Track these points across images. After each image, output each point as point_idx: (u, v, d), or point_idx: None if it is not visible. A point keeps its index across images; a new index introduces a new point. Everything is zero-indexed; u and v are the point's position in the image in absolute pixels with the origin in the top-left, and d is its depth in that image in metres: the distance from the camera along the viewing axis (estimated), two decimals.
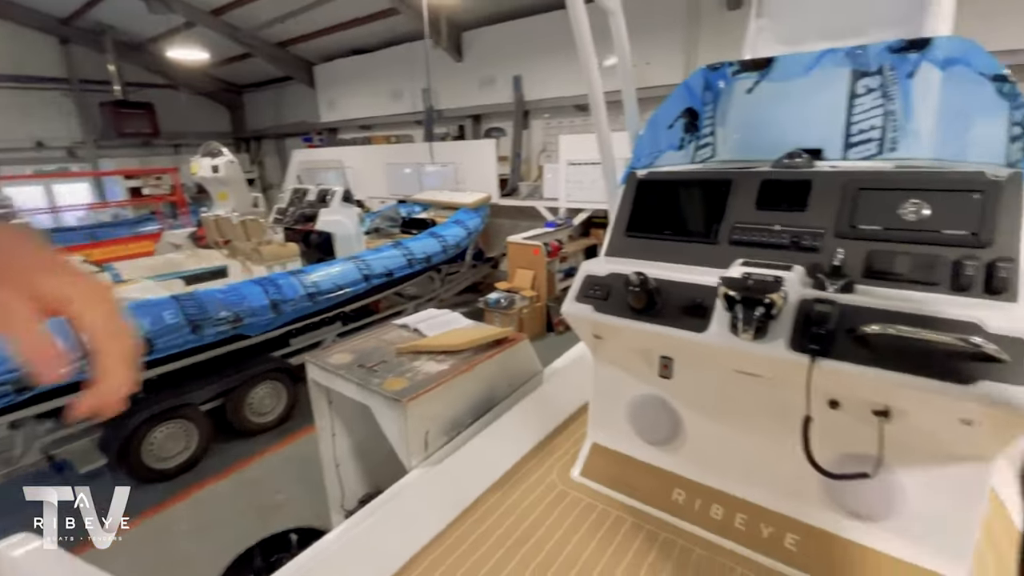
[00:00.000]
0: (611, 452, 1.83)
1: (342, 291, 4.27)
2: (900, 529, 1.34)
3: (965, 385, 1.04)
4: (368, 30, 8.82)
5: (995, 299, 1.13)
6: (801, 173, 1.44)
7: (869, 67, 1.49)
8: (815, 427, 1.23)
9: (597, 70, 1.71)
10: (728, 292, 1.28)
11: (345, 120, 10.79)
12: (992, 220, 1.17)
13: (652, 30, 5.22)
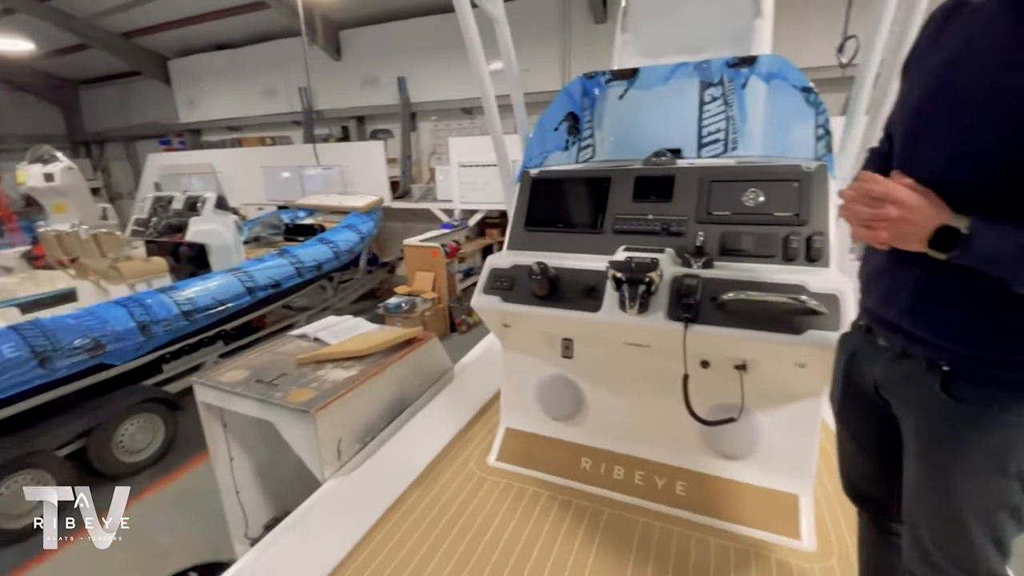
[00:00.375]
0: (523, 434, 1.95)
1: (223, 307, 3.91)
2: (761, 462, 1.62)
3: (797, 335, 1.30)
4: (232, 24, 8.08)
5: (814, 265, 1.42)
6: (666, 170, 1.67)
7: (713, 79, 1.77)
8: (692, 385, 1.44)
9: (489, 78, 1.80)
10: (615, 274, 1.46)
11: (209, 120, 9.78)
12: (807, 203, 1.47)
13: (529, 40, 5.50)
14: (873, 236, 0.86)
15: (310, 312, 5.55)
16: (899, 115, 0.95)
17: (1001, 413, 0.82)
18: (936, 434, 0.89)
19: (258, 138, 9.53)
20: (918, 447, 0.93)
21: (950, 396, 0.86)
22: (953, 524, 0.89)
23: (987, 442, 0.84)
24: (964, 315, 0.84)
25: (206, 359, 4.21)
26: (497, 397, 2.24)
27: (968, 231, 0.76)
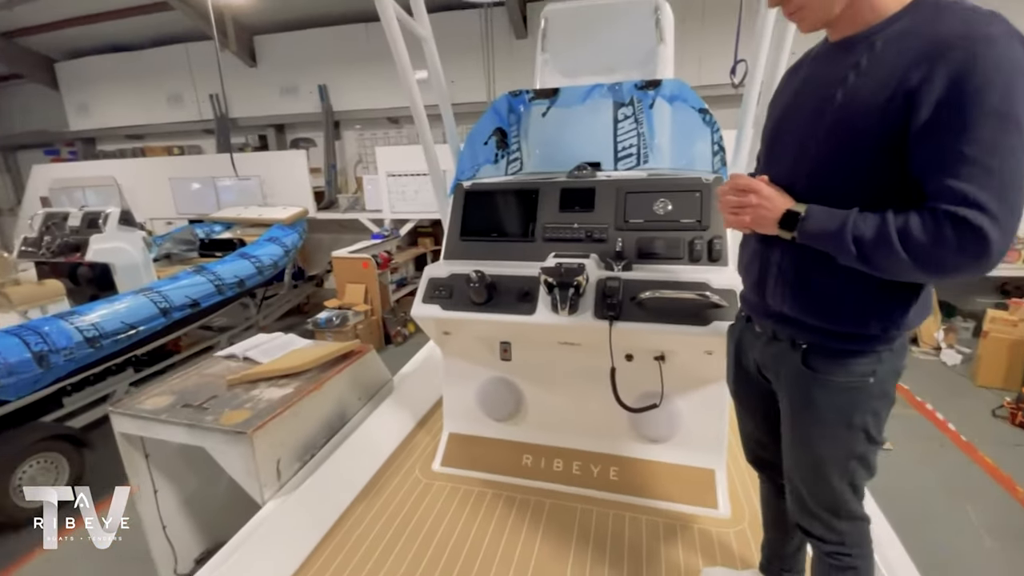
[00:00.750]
0: (466, 437, 2.01)
1: (134, 331, 3.62)
2: (681, 442, 1.81)
3: (704, 326, 1.48)
4: (131, 25, 7.45)
5: (715, 265, 1.62)
6: (587, 182, 1.83)
7: (624, 99, 1.96)
8: (619, 377, 1.59)
9: (418, 92, 1.86)
10: (547, 279, 1.57)
11: (106, 128, 8.91)
12: (708, 210, 1.67)
13: (454, 52, 5.59)
14: (739, 221, 1.07)
15: (232, 332, 5.24)
16: (764, 134, 1.19)
17: (845, 378, 1.03)
18: (799, 401, 1.10)
19: (164, 147, 8.84)
20: (788, 414, 1.13)
21: (808, 368, 1.06)
22: (817, 473, 1.10)
23: (836, 403, 1.04)
24: (813, 293, 1.03)
25: (114, 389, 3.87)
26: (439, 405, 2.28)
27: (804, 213, 0.97)
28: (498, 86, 6.30)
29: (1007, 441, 3.39)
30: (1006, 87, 0.78)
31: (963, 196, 0.81)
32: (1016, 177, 0.80)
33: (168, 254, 5.66)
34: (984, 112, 0.79)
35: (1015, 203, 0.81)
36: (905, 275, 0.92)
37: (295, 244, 5.98)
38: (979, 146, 0.80)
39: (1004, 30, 0.81)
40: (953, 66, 0.80)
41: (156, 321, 3.79)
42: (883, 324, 0.99)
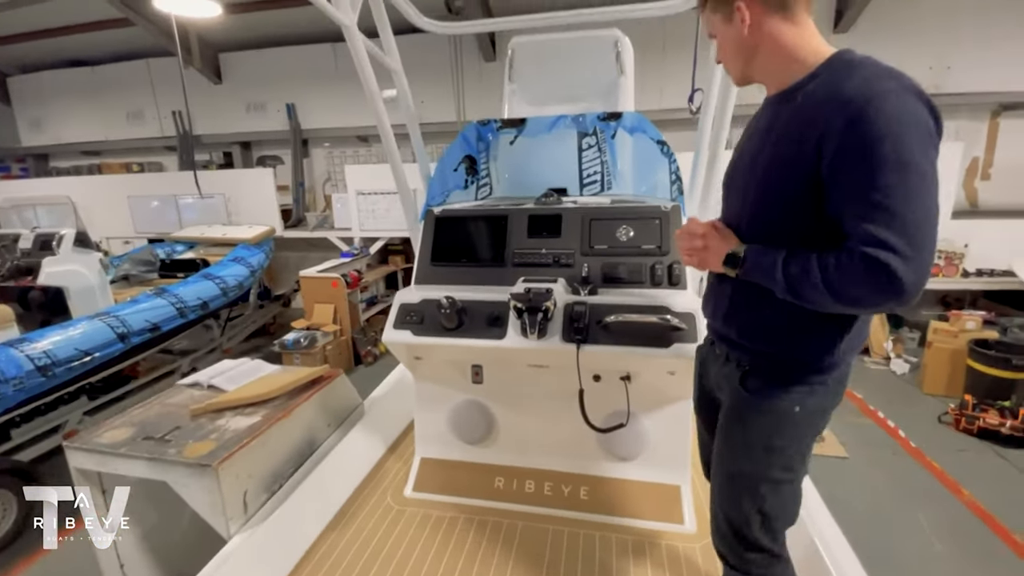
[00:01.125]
0: (439, 462, 2.02)
1: (89, 357, 3.47)
2: (648, 460, 1.86)
3: (666, 348, 1.55)
4: (90, 40, 7.24)
5: (675, 289, 1.70)
6: (554, 209, 1.89)
7: (587, 130, 2.04)
8: (587, 397, 1.64)
9: (388, 120, 1.89)
10: (517, 304, 1.62)
11: (60, 144, 8.56)
12: (667, 237, 1.75)
13: (424, 73, 5.67)
14: (691, 262, 1.20)
15: (195, 355, 5.06)
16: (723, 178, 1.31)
17: (772, 400, 1.11)
18: (731, 417, 1.19)
19: (122, 164, 8.56)
20: (720, 428, 1.23)
21: (743, 387, 1.15)
22: (730, 489, 1.19)
23: (760, 423, 1.13)
24: (757, 321, 1.13)
25: (67, 419, 3.68)
26: (410, 428, 2.28)
27: (743, 254, 1.08)
28: (467, 106, 6.40)
29: (952, 446, 3.59)
30: (899, 136, 0.87)
31: (871, 236, 0.89)
32: (919, 216, 0.88)
33: (126, 275, 5.46)
34: (881, 160, 0.87)
35: (921, 241, 0.88)
36: (831, 308, 0.99)
37: (261, 264, 5.86)
38: (880, 191, 0.88)
39: (899, 85, 0.90)
40: (853, 119, 0.89)
41: (113, 347, 3.64)
42: (814, 353, 1.08)
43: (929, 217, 0.89)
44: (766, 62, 1.08)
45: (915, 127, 0.88)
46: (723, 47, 1.14)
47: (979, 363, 3.89)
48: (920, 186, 0.88)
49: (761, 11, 1.03)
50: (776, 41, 1.05)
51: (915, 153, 0.87)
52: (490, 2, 6.19)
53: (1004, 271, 4.94)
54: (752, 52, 1.08)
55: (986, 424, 3.61)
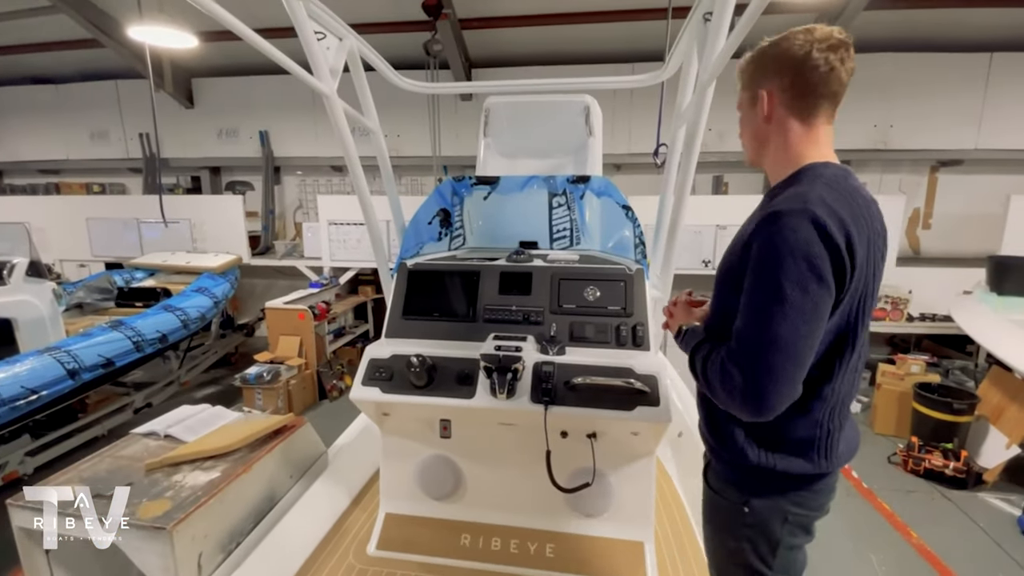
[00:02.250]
0: (404, 518, 1.99)
1: (36, 396, 3.28)
2: (613, 517, 1.89)
3: (629, 411, 1.60)
4: (56, 58, 7.07)
5: (639, 350, 1.77)
6: (525, 267, 1.95)
7: (557, 190, 2.14)
8: (554, 453, 1.66)
9: (364, 180, 1.93)
10: (487, 365, 1.65)
11: (17, 162, 8.23)
12: (631, 298, 1.83)
13: (401, 108, 5.75)
14: (667, 328, 1.34)
15: (150, 389, 4.85)
16: None
17: (723, 496, 1.16)
18: (703, 510, 1.25)
19: (82, 184, 8.27)
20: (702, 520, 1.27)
21: (705, 481, 1.22)
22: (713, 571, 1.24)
23: (717, 520, 1.19)
24: (705, 410, 1.19)
25: (7, 458, 3.46)
26: (375, 479, 2.24)
27: (683, 330, 1.21)
28: (443, 143, 6.51)
29: (902, 487, 3.76)
30: (777, 260, 0.92)
31: (729, 345, 0.99)
32: (765, 340, 0.92)
33: (80, 303, 5.23)
34: (758, 279, 0.95)
35: (760, 358, 0.92)
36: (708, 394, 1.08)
37: (226, 294, 5.72)
38: (749, 307, 0.96)
39: (793, 208, 0.93)
40: (754, 236, 0.98)
41: (62, 384, 3.47)
42: (746, 455, 1.07)
43: (776, 343, 0.91)
44: (772, 155, 1.12)
45: (794, 254, 0.91)
46: (743, 126, 1.16)
47: (923, 406, 4.11)
48: (779, 312, 0.91)
49: (783, 108, 1.06)
50: (784, 139, 1.08)
51: (785, 280, 0.91)
52: (467, 46, 6.40)
53: (945, 316, 5.28)
54: (764, 141, 1.12)
55: (931, 465, 3.80)
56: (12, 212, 6.88)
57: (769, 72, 1.07)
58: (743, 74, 1.12)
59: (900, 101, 6.09)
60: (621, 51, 6.33)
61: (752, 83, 1.10)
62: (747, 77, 1.11)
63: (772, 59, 1.06)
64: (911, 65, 6.02)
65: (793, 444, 1.06)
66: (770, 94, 1.07)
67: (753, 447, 1.08)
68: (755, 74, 1.09)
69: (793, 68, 1.03)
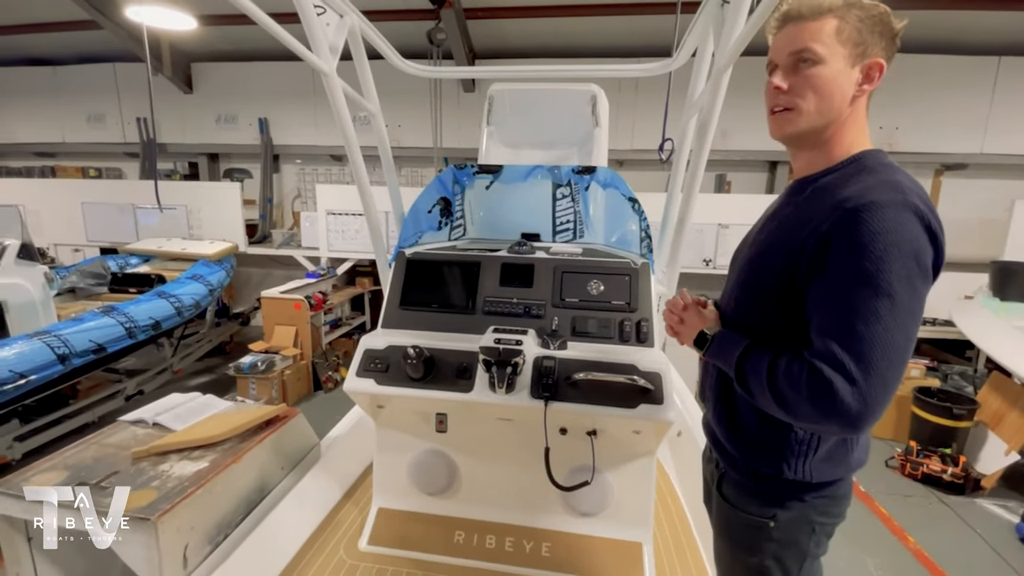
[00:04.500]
0: (396, 513, 1.94)
1: (24, 380, 3.23)
2: (611, 516, 1.85)
3: (632, 409, 1.55)
4: (54, 39, 6.95)
5: (643, 346, 1.72)
6: (527, 259, 1.90)
7: (562, 181, 2.08)
8: (553, 450, 1.62)
9: (363, 166, 1.87)
10: (486, 358, 1.60)
11: (13, 144, 8.12)
12: (636, 293, 1.78)
13: (402, 97, 5.67)
14: (673, 336, 1.21)
15: (142, 376, 4.79)
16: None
17: (746, 513, 1.06)
18: (716, 523, 1.18)
19: (78, 168, 8.17)
20: (713, 534, 1.21)
21: (720, 495, 1.13)
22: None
23: (739, 536, 1.10)
24: (731, 421, 1.10)
25: None
26: (368, 472, 2.20)
27: (712, 336, 1.07)
28: (445, 133, 6.43)
29: (899, 491, 3.73)
30: (880, 255, 0.80)
31: (825, 351, 0.83)
32: (880, 340, 0.80)
33: (73, 288, 5.16)
34: (855, 275, 0.82)
35: (873, 364, 0.80)
36: (775, 413, 0.93)
37: (221, 282, 5.65)
38: (846, 307, 0.83)
39: (894, 199, 0.82)
40: (839, 227, 0.84)
41: (52, 369, 3.41)
42: (786, 467, 0.99)
43: (892, 347, 0.81)
44: (831, 136, 0.96)
45: (900, 248, 0.81)
46: (818, 83, 0.92)
47: (922, 410, 4.08)
48: (889, 313, 0.81)
49: (874, 84, 0.93)
50: (858, 122, 0.96)
51: (893, 277, 0.80)
52: (471, 36, 6.31)
53: (945, 320, 5.25)
54: (835, 114, 0.94)
55: (929, 470, 3.77)
56: (7, 195, 6.79)
57: (883, 41, 0.92)
58: (847, 22, 0.91)
59: (906, 103, 6.04)
60: (626, 45, 6.26)
61: (860, 40, 0.91)
62: (854, 30, 0.90)
63: (888, 30, 0.92)
64: (918, 67, 5.97)
65: (826, 452, 0.99)
66: (882, 67, 0.92)
67: (790, 459, 0.99)
68: (866, 33, 0.91)
69: (894, 52, 0.93)
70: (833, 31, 0.90)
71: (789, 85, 0.95)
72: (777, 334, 0.97)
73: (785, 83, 0.95)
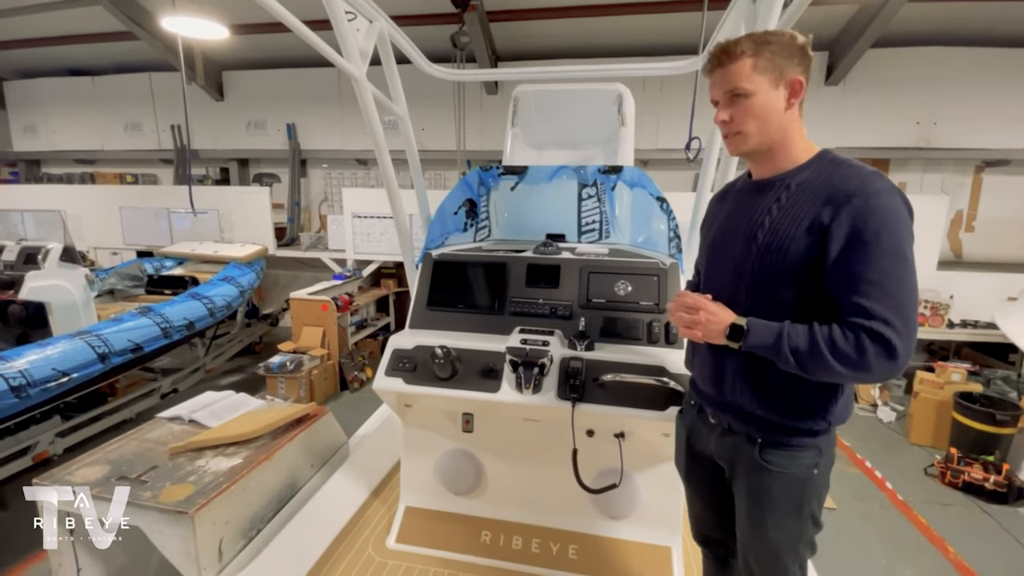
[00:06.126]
0: (424, 512, 1.96)
1: (67, 378, 3.36)
2: (640, 520, 1.82)
3: (662, 411, 1.53)
4: (92, 50, 7.27)
5: (672, 347, 1.69)
6: (553, 259, 1.89)
7: (587, 181, 2.07)
8: (580, 452, 1.61)
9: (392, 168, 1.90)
10: (512, 359, 1.60)
11: (54, 152, 8.50)
12: (665, 294, 1.75)
13: (427, 101, 5.73)
14: (692, 334, 1.21)
15: (177, 375, 4.94)
16: (701, 256, 1.37)
17: (796, 470, 1.15)
18: (755, 492, 1.20)
19: (116, 174, 8.49)
20: (744, 503, 1.23)
21: (764, 461, 1.17)
22: (773, 557, 1.22)
23: (789, 494, 1.16)
24: (770, 391, 1.15)
25: (38, 439, 3.55)
26: (395, 471, 2.22)
27: (747, 326, 1.11)
28: (468, 137, 6.47)
29: (939, 500, 3.58)
30: (894, 229, 1.00)
31: (872, 312, 1.00)
32: (908, 296, 1.02)
33: (112, 290, 5.36)
34: (881, 249, 1.00)
35: (909, 316, 1.01)
36: (835, 378, 1.08)
37: (251, 284, 5.79)
38: (880, 274, 1.00)
39: (888, 185, 1.04)
40: (856, 211, 1.02)
41: (92, 367, 3.54)
42: (824, 418, 1.14)
43: (914, 298, 1.04)
44: (785, 141, 1.14)
45: (904, 222, 1.03)
46: (753, 110, 1.11)
47: (964, 416, 3.91)
48: (907, 273, 1.02)
49: (800, 96, 1.11)
50: (797, 127, 1.14)
51: (904, 244, 1.02)
52: (494, 38, 6.34)
53: (987, 323, 5.03)
54: (776, 129, 1.12)
55: (971, 478, 3.61)
56: (49, 200, 7.09)
57: (795, 60, 1.09)
58: (760, 58, 1.09)
59: (944, 97, 5.82)
60: (651, 44, 6.19)
61: (775, 67, 1.09)
62: (767, 61, 1.09)
63: (797, 50, 1.09)
64: (956, 60, 5.74)
65: (845, 395, 1.16)
66: (801, 82, 1.10)
67: (831, 407, 1.13)
68: (778, 59, 1.09)
69: (808, 64, 1.11)
70: (751, 68, 1.09)
71: (731, 116, 1.14)
72: (789, 311, 1.10)
73: (727, 115, 1.14)
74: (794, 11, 1.21)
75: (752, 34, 1.12)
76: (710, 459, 1.31)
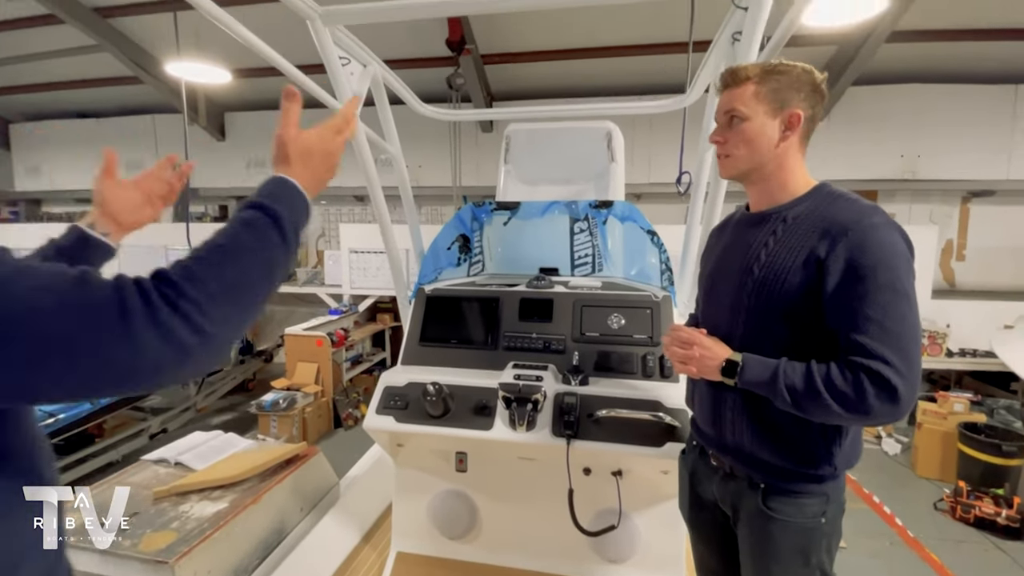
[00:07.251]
0: (416, 557, 1.88)
1: (53, 419, 3.30)
2: (640, 563, 1.75)
3: (658, 448, 1.50)
4: (97, 94, 7.47)
5: (667, 381, 1.67)
6: (546, 293, 1.89)
7: (579, 216, 2.09)
8: (577, 492, 1.56)
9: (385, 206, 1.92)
10: (505, 395, 1.57)
11: (55, 191, 8.62)
12: (658, 326, 1.74)
13: (424, 139, 5.89)
14: (687, 369, 1.18)
15: (167, 414, 4.85)
16: (700, 284, 1.35)
17: (801, 519, 1.10)
18: (758, 540, 1.14)
19: None
20: (748, 551, 1.17)
21: (767, 508, 1.11)
22: None
23: (793, 543, 1.10)
24: (770, 431, 1.11)
25: None
26: (387, 514, 2.15)
27: (742, 362, 1.09)
28: (463, 173, 6.59)
29: (951, 537, 3.47)
30: (890, 264, 0.98)
31: (871, 351, 0.96)
32: (909, 334, 0.98)
33: None
34: (879, 284, 0.97)
35: (911, 355, 0.97)
36: (834, 420, 1.03)
37: None
38: (878, 310, 0.97)
39: (886, 220, 1.02)
40: (852, 245, 0.99)
41: (80, 407, 3.48)
42: (830, 463, 1.09)
43: (917, 337, 0.99)
44: (778, 172, 1.13)
45: (903, 257, 1.00)
46: (746, 135, 1.11)
47: (970, 448, 3.84)
48: (909, 309, 0.98)
49: (800, 130, 1.10)
50: (794, 159, 1.13)
51: (903, 280, 0.98)
52: (488, 79, 6.55)
53: (986, 351, 5.01)
54: (770, 159, 1.12)
55: (982, 513, 3.51)
56: (47, 238, 7.12)
57: (801, 95, 1.09)
58: (764, 86, 1.09)
59: (927, 131, 5.99)
60: (639, 84, 6.41)
61: (776, 98, 1.09)
62: (770, 91, 1.09)
63: (805, 83, 1.09)
64: (936, 96, 5.94)
65: (850, 437, 1.11)
66: (800, 116, 1.09)
67: (835, 452, 1.08)
68: (783, 91, 1.09)
69: (818, 100, 1.11)
70: (752, 94, 1.10)
71: (725, 138, 1.15)
72: (783, 348, 1.07)
73: (722, 137, 1.15)
74: (770, 52, 1.25)
75: (765, 62, 1.12)
76: (714, 503, 1.26)
